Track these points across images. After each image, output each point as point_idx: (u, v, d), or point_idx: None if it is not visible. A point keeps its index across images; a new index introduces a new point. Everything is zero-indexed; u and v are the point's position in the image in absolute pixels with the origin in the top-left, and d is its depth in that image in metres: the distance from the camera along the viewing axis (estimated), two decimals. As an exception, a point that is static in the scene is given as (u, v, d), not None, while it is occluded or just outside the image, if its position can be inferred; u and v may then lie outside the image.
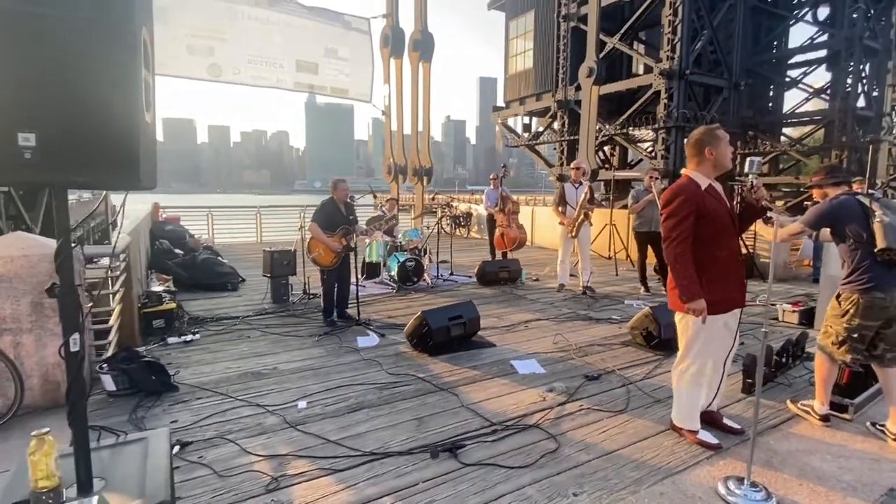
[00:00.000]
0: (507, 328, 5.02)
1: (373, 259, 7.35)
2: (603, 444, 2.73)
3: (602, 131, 19.88)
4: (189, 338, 4.57)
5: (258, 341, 4.59)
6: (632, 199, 6.75)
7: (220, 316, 5.42)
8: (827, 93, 20.06)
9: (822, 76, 20.72)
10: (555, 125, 22.99)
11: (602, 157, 23.35)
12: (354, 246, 5.28)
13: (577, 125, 19.64)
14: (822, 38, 19.86)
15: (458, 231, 14.52)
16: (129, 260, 4.26)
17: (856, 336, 2.74)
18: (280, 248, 6.37)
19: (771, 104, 22.12)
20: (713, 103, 18.22)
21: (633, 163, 24.01)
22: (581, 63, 15.81)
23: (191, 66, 8.37)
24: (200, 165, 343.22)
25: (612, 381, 3.65)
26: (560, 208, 6.57)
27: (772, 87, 21.94)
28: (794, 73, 21.53)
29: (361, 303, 5.43)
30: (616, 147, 23.58)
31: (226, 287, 6.90)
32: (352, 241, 5.18)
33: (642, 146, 20.40)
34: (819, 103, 21.24)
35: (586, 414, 3.11)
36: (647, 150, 19.48)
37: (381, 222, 7.36)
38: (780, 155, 21.63)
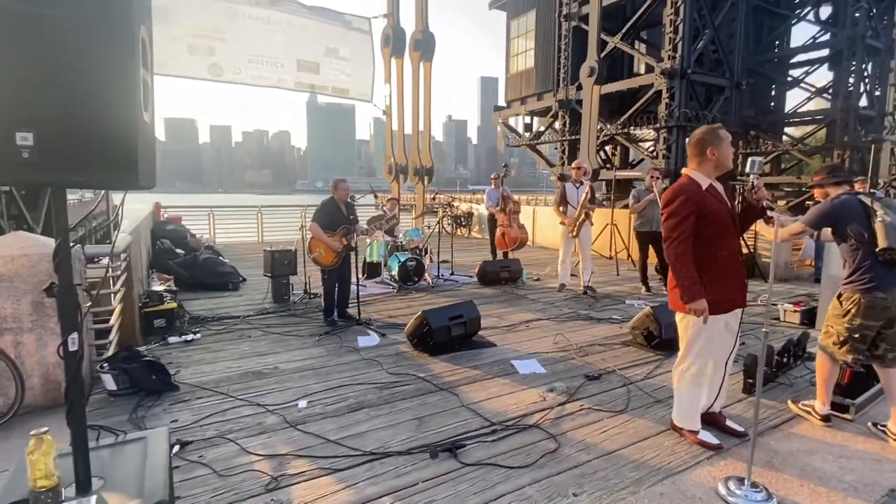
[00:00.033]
0: (508, 328, 5.01)
1: (374, 259, 7.35)
2: (603, 444, 2.73)
3: (603, 131, 19.87)
4: (190, 337, 4.57)
5: (259, 341, 4.60)
6: (633, 199, 6.74)
7: (221, 315, 5.42)
8: (829, 92, 20.02)
9: (824, 75, 20.71)
10: (556, 125, 22.98)
11: (603, 157, 23.33)
12: (355, 246, 5.28)
13: (579, 125, 19.67)
14: (825, 37, 19.82)
15: (459, 231, 14.50)
16: (129, 259, 4.26)
17: (857, 336, 2.73)
18: (281, 247, 6.39)
19: (773, 104, 22.09)
20: (715, 103, 18.20)
21: (635, 162, 24.01)
22: (582, 62, 15.81)
23: (191, 66, 8.38)
24: (202, 165, 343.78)
25: (612, 381, 3.64)
26: (561, 208, 6.56)
27: (774, 86, 21.91)
28: (796, 73, 21.50)
29: (362, 302, 5.43)
30: (617, 147, 23.57)
31: (227, 287, 6.91)
32: (352, 241, 5.19)
33: (644, 146, 20.38)
34: (821, 103, 21.21)
35: (586, 414, 3.11)
36: (649, 149, 19.47)
37: (381, 222, 7.36)
38: (782, 154, 21.60)
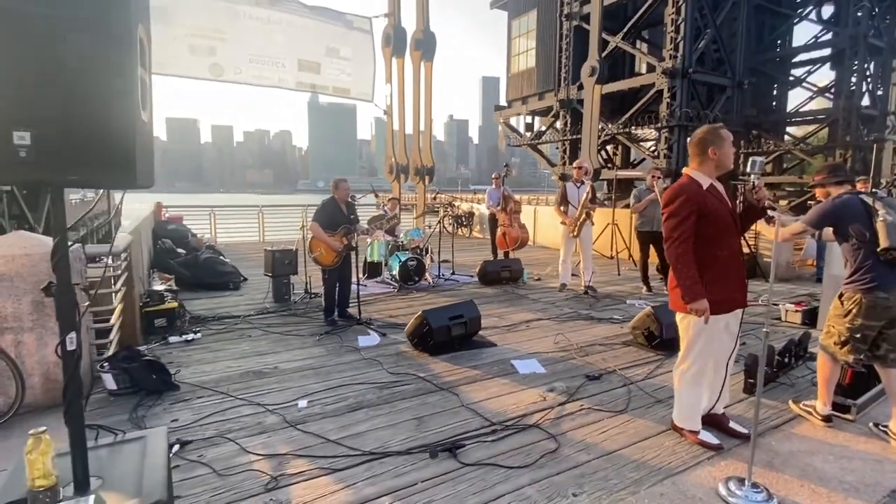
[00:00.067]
0: (509, 328, 5.01)
1: (374, 258, 7.35)
2: (603, 445, 2.72)
3: (604, 130, 19.85)
4: (190, 337, 4.58)
5: (259, 340, 4.60)
6: (634, 199, 6.73)
7: (222, 315, 5.43)
8: (831, 91, 19.97)
9: (826, 75, 20.63)
10: (557, 124, 22.96)
11: (604, 157, 23.31)
12: (356, 245, 5.28)
13: (580, 124, 19.62)
14: (827, 36, 19.78)
15: (460, 230, 14.50)
16: (130, 259, 4.26)
17: (858, 336, 2.72)
18: (282, 247, 6.39)
19: (774, 103, 22.05)
20: (716, 102, 18.16)
21: (636, 162, 23.98)
22: (583, 62, 15.78)
23: (192, 66, 8.39)
24: (204, 165, 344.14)
25: (612, 381, 3.63)
26: (562, 208, 6.55)
27: (775, 85, 21.87)
28: (798, 72, 21.46)
29: (363, 302, 5.43)
30: (619, 146, 23.56)
31: (228, 286, 6.91)
32: (353, 241, 5.19)
33: (645, 145, 20.36)
34: (823, 102, 21.16)
35: (587, 414, 3.10)
36: (650, 149, 19.45)
37: (382, 221, 7.36)
38: (784, 154, 21.55)
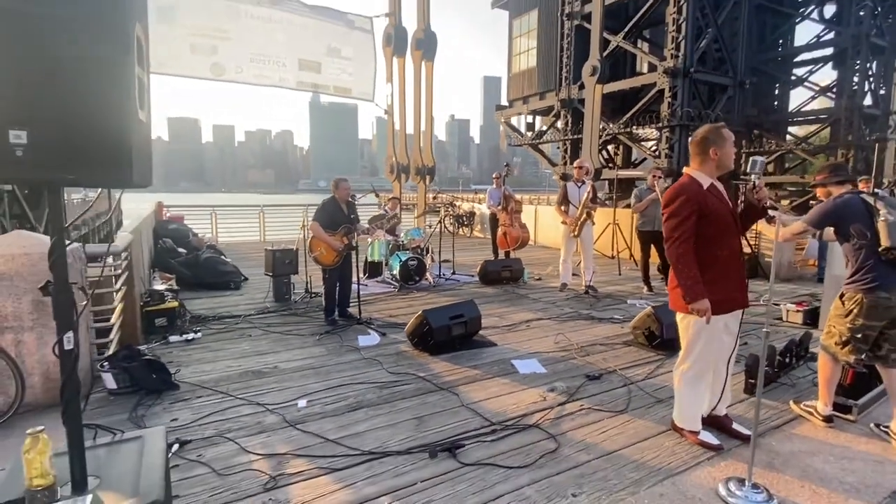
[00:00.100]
0: (509, 327, 5.00)
1: (375, 258, 7.35)
2: (603, 445, 2.71)
3: (606, 130, 19.84)
4: (191, 336, 4.58)
5: (259, 340, 4.60)
6: (635, 199, 6.72)
7: (223, 314, 5.43)
8: (833, 91, 19.94)
9: (828, 74, 20.59)
10: (558, 124, 22.95)
11: (605, 156, 23.30)
12: (356, 245, 5.27)
13: (581, 124, 19.60)
14: (829, 35, 19.74)
15: (460, 230, 14.49)
16: (130, 258, 4.27)
17: (859, 336, 2.71)
18: (282, 247, 6.39)
19: (776, 102, 22.02)
20: (718, 102, 18.15)
21: (637, 162, 23.97)
22: (584, 61, 15.74)
23: (193, 65, 8.38)
24: (205, 165, 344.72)
25: (613, 381, 3.63)
26: (563, 207, 6.54)
27: (777, 85, 21.83)
28: (800, 72, 21.41)
29: (363, 302, 5.43)
30: (620, 146, 23.54)
31: (228, 286, 6.92)
32: (353, 240, 5.18)
33: (646, 145, 20.35)
34: (825, 101, 21.13)
35: (587, 414, 3.10)
36: (651, 148, 19.43)
37: (383, 221, 7.36)
38: (786, 154, 21.51)
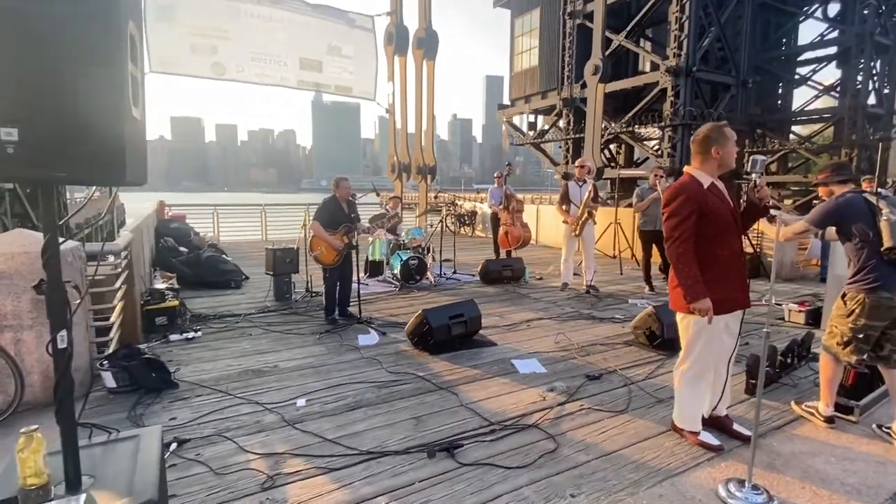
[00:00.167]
0: (509, 327, 4.98)
1: (376, 257, 7.35)
2: (602, 445, 2.70)
3: (608, 129, 19.79)
4: (191, 335, 4.58)
5: (260, 339, 4.59)
6: (636, 198, 6.69)
7: (223, 313, 5.43)
8: (837, 90, 19.86)
9: (831, 73, 20.56)
10: (560, 123, 22.92)
11: (608, 156, 23.26)
12: (356, 244, 5.26)
13: (583, 123, 19.56)
14: (833, 34, 19.66)
15: (462, 229, 14.48)
16: (131, 257, 4.27)
17: (861, 336, 2.69)
18: (283, 246, 6.39)
19: (779, 102, 21.94)
20: (720, 101, 18.09)
21: (639, 161, 23.91)
22: (587, 60, 15.71)
23: (194, 65, 8.38)
24: (208, 164, 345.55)
25: (613, 381, 3.61)
26: (564, 207, 6.52)
27: (780, 84, 21.76)
28: (804, 71, 21.34)
29: (364, 301, 5.42)
30: (622, 145, 23.49)
31: (229, 285, 6.92)
32: (354, 239, 5.17)
33: (648, 144, 20.31)
34: (829, 101, 21.05)
35: (586, 414, 3.08)
36: (653, 148, 19.39)
37: (384, 220, 7.34)
38: (789, 153, 21.43)
